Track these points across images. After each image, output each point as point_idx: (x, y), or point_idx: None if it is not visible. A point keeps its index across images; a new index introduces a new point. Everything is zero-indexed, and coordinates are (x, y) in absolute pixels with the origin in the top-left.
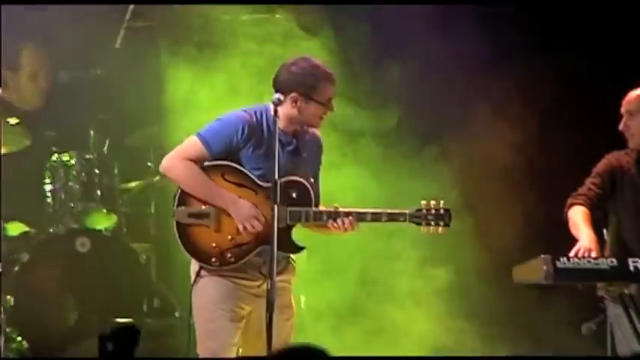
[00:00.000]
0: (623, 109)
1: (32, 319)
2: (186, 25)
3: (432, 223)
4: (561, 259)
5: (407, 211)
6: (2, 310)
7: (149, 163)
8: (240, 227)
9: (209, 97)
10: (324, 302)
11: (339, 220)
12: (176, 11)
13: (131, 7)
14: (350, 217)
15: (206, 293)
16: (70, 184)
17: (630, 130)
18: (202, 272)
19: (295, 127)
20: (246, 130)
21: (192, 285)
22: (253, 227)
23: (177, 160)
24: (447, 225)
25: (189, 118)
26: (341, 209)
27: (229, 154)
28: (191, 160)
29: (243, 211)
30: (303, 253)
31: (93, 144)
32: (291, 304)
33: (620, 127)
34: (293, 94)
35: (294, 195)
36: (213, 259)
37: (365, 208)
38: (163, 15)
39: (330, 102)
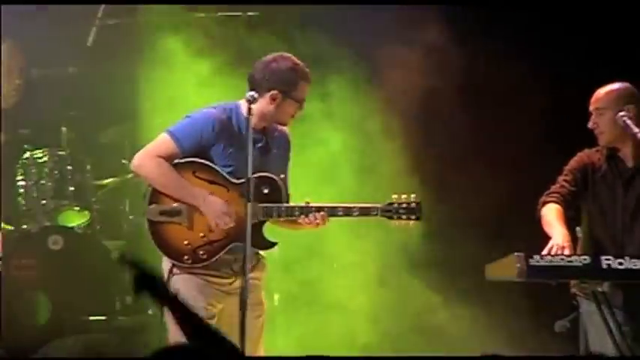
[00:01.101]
0: (591, 107)
1: (4, 317)
2: (160, 23)
3: (404, 216)
4: (534, 256)
5: (378, 206)
6: None
7: (123, 160)
8: (212, 224)
9: (183, 93)
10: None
11: (310, 216)
12: (150, 8)
13: (103, 5)
14: (321, 212)
15: (178, 291)
16: (43, 181)
17: (600, 128)
18: (174, 270)
19: (265, 124)
20: (216, 127)
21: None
22: (225, 224)
23: (148, 157)
24: (418, 218)
25: (162, 115)
26: (312, 204)
27: (200, 151)
28: (162, 157)
29: (215, 208)
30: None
31: (66, 141)
32: (262, 301)
33: (590, 124)
34: (273, 92)
35: (265, 191)
36: (186, 257)
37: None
38: (136, 12)
39: (304, 101)
